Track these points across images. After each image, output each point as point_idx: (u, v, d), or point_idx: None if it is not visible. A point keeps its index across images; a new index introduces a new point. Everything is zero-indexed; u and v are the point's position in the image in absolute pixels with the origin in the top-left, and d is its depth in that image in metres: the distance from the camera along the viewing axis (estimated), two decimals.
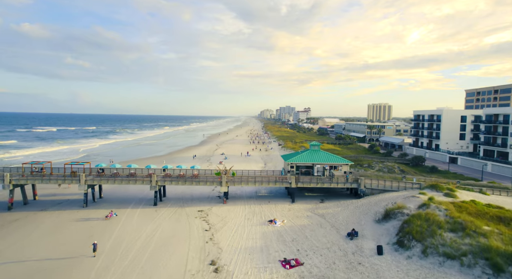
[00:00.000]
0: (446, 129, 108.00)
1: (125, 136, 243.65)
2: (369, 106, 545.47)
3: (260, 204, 59.82)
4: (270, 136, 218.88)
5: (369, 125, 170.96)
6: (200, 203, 60.48)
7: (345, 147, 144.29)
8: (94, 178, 58.69)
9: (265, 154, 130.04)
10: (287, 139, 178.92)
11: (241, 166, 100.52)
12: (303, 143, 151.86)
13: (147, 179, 59.46)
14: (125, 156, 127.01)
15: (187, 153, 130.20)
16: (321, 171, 67.43)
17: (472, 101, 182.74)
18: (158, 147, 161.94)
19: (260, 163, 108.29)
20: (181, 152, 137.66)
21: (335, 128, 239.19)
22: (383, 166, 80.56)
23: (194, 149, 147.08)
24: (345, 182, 60.90)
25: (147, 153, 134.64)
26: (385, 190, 59.78)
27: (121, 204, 59.77)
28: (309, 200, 62.08)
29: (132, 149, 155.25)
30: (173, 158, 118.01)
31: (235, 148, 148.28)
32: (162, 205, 59.69)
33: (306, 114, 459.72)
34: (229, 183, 60.48)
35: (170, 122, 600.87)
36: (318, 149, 72.92)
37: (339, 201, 59.68)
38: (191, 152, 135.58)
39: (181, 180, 60.40)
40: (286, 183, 60.94)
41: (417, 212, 41.16)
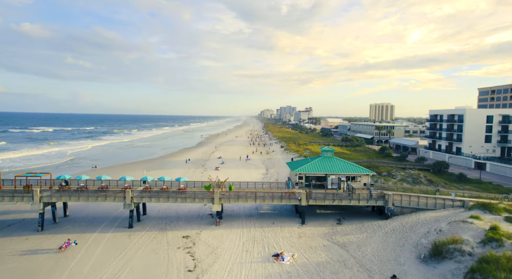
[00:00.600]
0: (470, 131, 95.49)
1: (121, 137, 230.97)
2: (371, 106, 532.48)
3: (262, 226, 47.23)
4: (271, 137, 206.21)
5: (377, 126, 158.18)
6: (187, 225, 47.91)
7: (353, 150, 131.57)
8: (53, 194, 46.08)
9: (266, 158, 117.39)
10: (289, 141, 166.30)
11: (240, 173, 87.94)
12: (308, 145, 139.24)
13: (120, 195, 46.88)
14: (113, 159, 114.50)
15: (181, 157, 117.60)
16: (336, 183, 54.73)
17: (486, 100, 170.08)
18: (151, 149, 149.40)
19: (261, 169, 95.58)
20: (174, 155, 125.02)
21: (339, 128, 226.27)
22: (405, 175, 67.96)
23: (190, 152, 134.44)
24: (369, 199, 48.23)
25: (138, 156, 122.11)
26: (418, 208, 47.19)
27: (88, 225, 47.20)
28: (322, 220, 49.47)
29: (123, 152, 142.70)
30: (164, 162, 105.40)
31: (234, 151, 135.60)
32: (140, 227, 47.14)
33: (308, 114, 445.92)
34: (223, 200, 47.89)
35: (170, 122, 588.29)
36: (331, 155, 60.25)
37: (362, 223, 47.04)
38: (186, 155, 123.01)
39: (163, 196, 47.78)
40: (294, 200, 48.30)
41: (488, 254, 28.48)
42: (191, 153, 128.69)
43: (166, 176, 60.15)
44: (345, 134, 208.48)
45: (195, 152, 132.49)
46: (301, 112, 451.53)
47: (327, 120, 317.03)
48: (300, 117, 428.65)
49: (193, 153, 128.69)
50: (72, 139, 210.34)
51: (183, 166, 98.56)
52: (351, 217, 50.33)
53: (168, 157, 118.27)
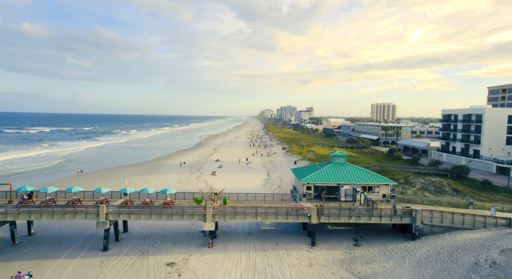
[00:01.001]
0: (489, 132, 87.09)
1: (118, 138, 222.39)
2: (372, 105, 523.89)
3: (264, 249, 38.84)
4: (272, 138, 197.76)
5: (383, 126, 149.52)
6: (173, 246, 39.55)
7: (359, 152, 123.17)
8: (9, 210, 37.66)
9: (268, 161, 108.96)
10: (291, 142, 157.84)
11: (239, 178, 79.52)
12: (311, 146, 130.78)
13: (93, 211, 38.50)
14: (104, 163, 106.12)
15: (176, 159, 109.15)
16: (351, 195, 46.30)
17: (497, 99, 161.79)
18: (147, 151, 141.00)
19: (262, 173, 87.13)
20: (169, 157, 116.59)
21: (342, 129, 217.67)
22: (426, 182, 59.51)
23: (186, 154, 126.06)
24: (393, 215, 39.79)
25: (131, 159, 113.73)
26: (452, 227, 38.80)
27: (55, 247, 38.83)
28: (336, 240, 41.08)
29: (117, 154, 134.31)
30: (157, 166, 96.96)
31: (233, 153, 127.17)
32: (117, 249, 38.77)
33: (309, 114, 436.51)
34: (217, 217, 39.52)
35: (169, 123, 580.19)
36: (344, 161, 51.82)
37: (384, 245, 38.60)
38: (182, 157, 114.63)
39: (144, 213, 39.38)
40: (303, 216, 39.86)
41: None
42: (187, 156, 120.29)
43: (159, 181, 51.85)
44: (349, 134, 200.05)
45: (191, 154, 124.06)
46: (302, 112, 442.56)
47: (329, 120, 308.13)
48: (301, 117, 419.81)
49: (190, 156, 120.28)
50: (67, 140, 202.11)
51: (177, 170, 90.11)
52: (370, 236, 41.93)
53: (162, 160, 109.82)
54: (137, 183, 72.15)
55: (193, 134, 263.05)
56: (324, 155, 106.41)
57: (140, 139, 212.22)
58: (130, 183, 71.29)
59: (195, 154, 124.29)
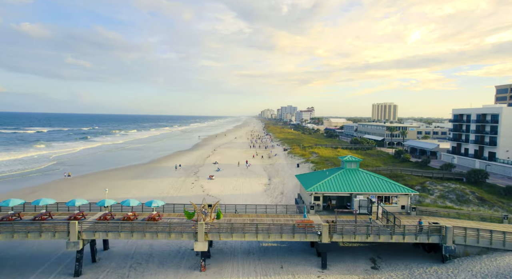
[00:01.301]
0: (507, 133, 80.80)
1: (116, 139, 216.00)
2: (373, 105, 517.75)
3: (266, 273, 32.61)
4: (273, 139, 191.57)
5: (389, 127, 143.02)
6: (160, 269, 33.35)
7: (364, 154, 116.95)
8: None
9: (269, 163, 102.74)
10: (292, 143, 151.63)
11: (238, 184, 73.26)
12: (313, 148, 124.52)
13: (62, 229, 32.27)
14: (95, 165, 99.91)
15: (172, 161, 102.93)
16: (366, 206, 40.01)
17: (505, 99, 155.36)
18: (143, 153, 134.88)
19: (262, 177, 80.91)
20: (165, 159, 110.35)
21: (345, 129, 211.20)
22: (445, 190, 53.19)
23: (183, 156, 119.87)
24: (418, 233, 33.50)
25: (125, 161, 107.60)
26: (490, 248, 32.57)
27: (18, 270, 32.68)
28: (350, 261, 34.83)
29: (111, 156, 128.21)
30: (151, 169, 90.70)
31: (232, 155, 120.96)
32: (92, 273, 32.55)
33: (310, 114, 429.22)
34: (210, 235, 33.28)
35: (169, 123, 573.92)
36: (356, 168, 45.56)
37: (410, 269, 32.27)
38: (178, 159, 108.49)
39: (125, 230, 33.16)
40: (312, 234, 33.59)
41: None
42: (184, 157, 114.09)
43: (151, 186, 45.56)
44: (352, 135, 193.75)
45: (188, 156, 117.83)
46: (303, 112, 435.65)
47: (331, 120, 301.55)
48: (302, 117, 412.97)
49: (187, 157, 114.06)
50: (63, 141, 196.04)
51: (172, 174, 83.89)
52: (389, 256, 35.67)
53: (157, 162, 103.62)
54: (126, 189, 66.01)
55: (192, 135, 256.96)
56: (328, 157, 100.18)
57: (138, 140, 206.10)
58: (119, 188, 65.10)
59: (193, 156, 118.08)
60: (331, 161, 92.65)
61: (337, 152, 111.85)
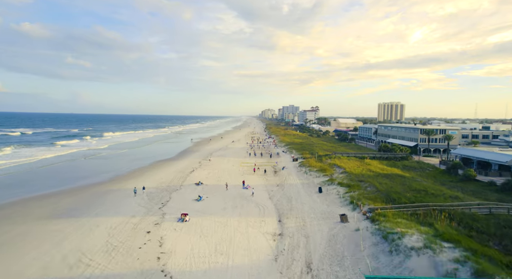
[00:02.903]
0: None
1: (98, 143, 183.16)
2: (379, 105, 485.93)
3: None
4: (277, 143, 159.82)
5: (425, 129, 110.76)
6: None
7: (401, 166, 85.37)
8: None
9: (275, 183, 71.09)
10: (302, 149, 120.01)
11: (225, 233, 40.06)
12: (332, 157, 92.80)
13: None
14: (22, 186, 68.43)
15: (138, 180, 71.42)
16: None
17: None
18: (112, 163, 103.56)
19: (268, 216, 48.77)
20: (131, 176, 78.63)
21: (359, 131, 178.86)
22: None
23: (160, 169, 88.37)
24: None
25: (73, 179, 76.16)
26: None
27: None
28: None
29: (67, 168, 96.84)
30: (98, 195, 58.79)
31: (225, 168, 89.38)
32: None
33: (315, 114, 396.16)
34: None
35: (168, 123, 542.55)
36: None
37: None
38: (150, 175, 77.23)
39: None
40: None
41: None
42: (160, 172, 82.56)
43: (70, 237, 13.77)
44: (369, 138, 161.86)
45: (167, 170, 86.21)
46: (307, 112, 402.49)
47: (339, 121, 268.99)
48: (306, 117, 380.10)
49: (163, 172, 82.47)
50: (38, 145, 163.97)
51: (124, 206, 52.13)
52: None
53: (116, 182, 71.87)
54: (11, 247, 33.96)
55: (186, 137, 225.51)
56: (359, 174, 68.43)
57: (123, 144, 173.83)
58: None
59: (172, 169, 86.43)
60: (368, 182, 61.20)
61: (368, 166, 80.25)
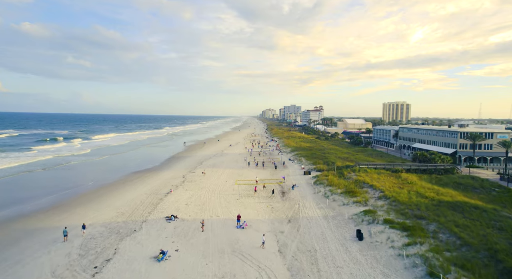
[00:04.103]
0: None
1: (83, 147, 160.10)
2: (384, 105, 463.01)
3: None
4: (281, 147, 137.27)
5: (469, 133, 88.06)
6: None
7: (454, 184, 62.77)
8: None
9: (285, 215, 48.55)
10: (312, 157, 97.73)
11: None
12: (356, 170, 70.25)
13: None
14: None
15: (92, 206, 49.14)
16: None
17: None
18: (82, 175, 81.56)
19: None
20: (93, 196, 56.11)
21: (375, 133, 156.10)
22: None
23: (132, 185, 65.97)
24: None
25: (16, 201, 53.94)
26: None
27: None
28: None
29: (24, 182, 74.98)
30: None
31: (215, 186, 66.81)
32: None
33: (319, 114, 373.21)
34: None
35: (168, 123, 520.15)
36: None
37: None
38: (115, 196, 54.99)
39: None
40: None
41: None
42: (126, 192, 60.11)
43: None
44: (387, 141, 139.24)
45: (136, 189, 63.60)
46: (310, 112, 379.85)
47: (346, 122, 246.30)
48: (310, 117, 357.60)
49: (131, 192, 59.93)
50: (11, 150, 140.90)
51: (28, 271, 29.79)
52: None
53: (57, 211, 49.23)
54: None
55: (180, 139, 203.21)
56: (408, 202, 45.59)
57: (107, 148, 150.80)
58: None
59: (144, 188, 63.88)
60: (433, 220, 38.68)
61: (410, 185, 57.69)
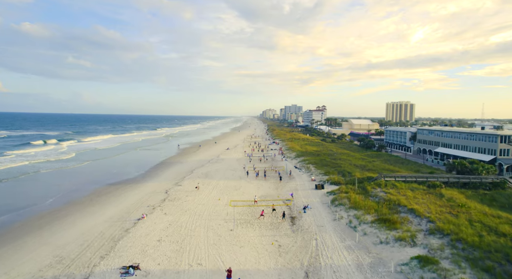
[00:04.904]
0: None
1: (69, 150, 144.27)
2: (388, 104, 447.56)
3: None
4: (284, 151, 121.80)
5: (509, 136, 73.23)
6: None
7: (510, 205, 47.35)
8: None
9: (299, 261, 33.18)
10: (324, 165, 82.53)
11: None
12: (384, 185, 54.88)
13: None
14: None
15: (17, 245, 33.91)
16: None
17: None
18: (38, 191, 66.57)
19: None
20: (27, 229, 40.89)
21: (387, 136, 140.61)
22: None
23: (97, 207, 50.65)
24: None
25: None
26: None
27: None
28: None
29: None
30: None
31: (204, 208, 51.29)
32: None
33: (322, 115, 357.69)
34: None
35: (167, 124, 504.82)
36: None
37: None
38: (61, 228, 39.68)
39: None
40: None
41: None
42: (82, 219, 44.72)
43: None
44: (402, 144, 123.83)
45: (98, 214, 48.07)
46: (313, 112, 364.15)
47: (352, 122, 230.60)
48: (312, 117, 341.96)
49: (89, 219, 44.49)
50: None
51: None
52: None
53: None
54: None
55: (175, 141, 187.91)
56: (478, 243, 30.25)
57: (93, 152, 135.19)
58: None
59: (109, 212, 48.30)
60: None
61: (461, 208, 42.24)
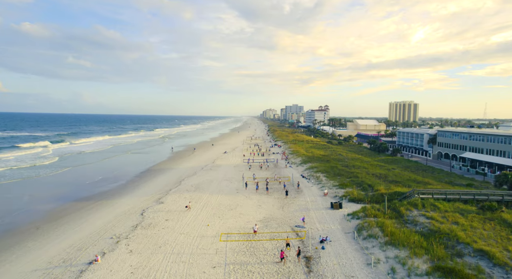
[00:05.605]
0: None
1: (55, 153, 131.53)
2: (391, 104, 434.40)
3: None
4: (288, 156, 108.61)
5: None
6: None
7: None
8: None
9: None
10: (337, 174, 69.71)
11: None
12: (421, 206, 41.87)
13: None
14: None
15: None
16: None
17: None
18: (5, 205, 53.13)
19: None
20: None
21: (400, 138, 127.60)
22: None
23: (56, 233, 37.61)
24: None
25: None
26: None
27: None
28: None
29: None
30: None
31: (186, 239, 38.17)
32: None
33: (324, 115, 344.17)
34: None
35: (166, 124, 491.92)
36: None
37: None
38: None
39: None
40: None
41: None
42: (18, 259, 31.70)
43: None
44: (419, 148, 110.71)
45: (44, 249, 35.10)
46: (315, 112, 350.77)
47: (358, 123, 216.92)
48: (314, 117, 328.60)
49: (23, 261, 31.53)
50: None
51: None
52: None
53: None
54: None
55: (170, 143, 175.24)
56: None
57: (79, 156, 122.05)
58: None
59: (60, 246, 35.01)
60: None
61: None
